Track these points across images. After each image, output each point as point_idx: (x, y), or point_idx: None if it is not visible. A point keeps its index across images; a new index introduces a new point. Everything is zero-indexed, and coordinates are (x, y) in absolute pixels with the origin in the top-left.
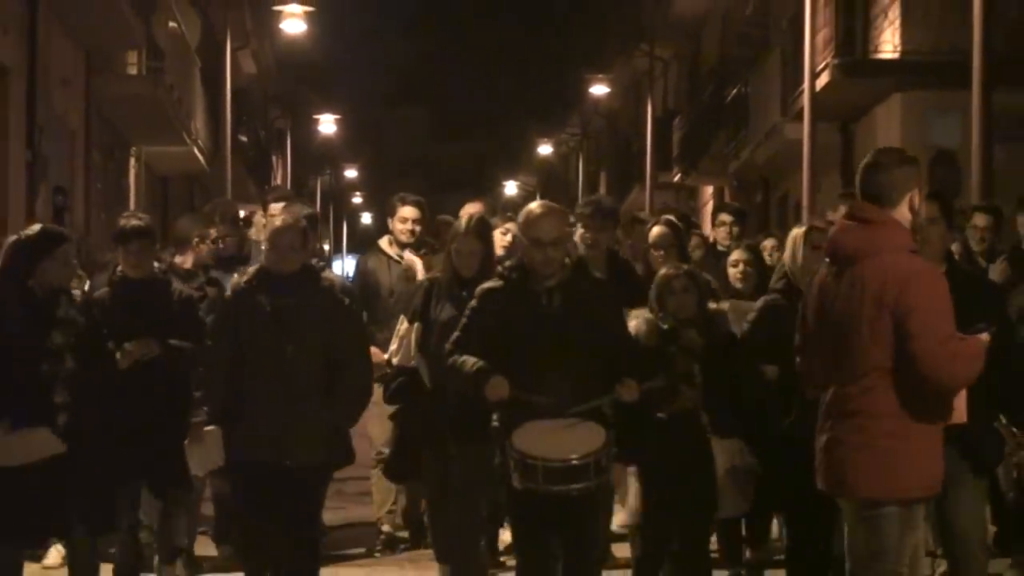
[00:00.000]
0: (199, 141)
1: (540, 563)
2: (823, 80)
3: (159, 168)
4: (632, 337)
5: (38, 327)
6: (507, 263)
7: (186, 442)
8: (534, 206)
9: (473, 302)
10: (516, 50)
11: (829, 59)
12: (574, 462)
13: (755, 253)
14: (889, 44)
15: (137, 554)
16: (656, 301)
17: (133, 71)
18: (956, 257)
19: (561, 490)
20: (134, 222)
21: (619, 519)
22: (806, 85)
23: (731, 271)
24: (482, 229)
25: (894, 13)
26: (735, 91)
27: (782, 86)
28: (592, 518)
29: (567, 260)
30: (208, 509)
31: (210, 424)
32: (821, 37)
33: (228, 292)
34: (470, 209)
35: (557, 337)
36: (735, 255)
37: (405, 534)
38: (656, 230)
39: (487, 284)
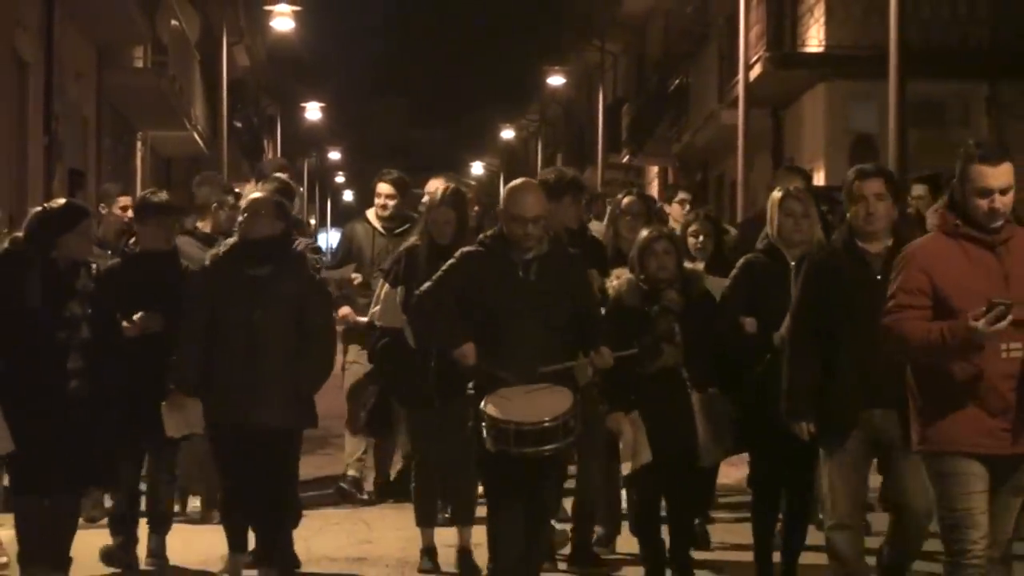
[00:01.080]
0: (198, 127)
1: (511, 522)
2: (756, 71)
3: (163, 151)
4: (600, 307)
5: (57, 296)
6: (488, 232)
7: (164, 404)
8: (517, 183)
9: (451, 260)
10: (482, 46)
11: (761, 53)
12: (545, 425)
13: (714, 223)
14: (815, 39)
15: (135, 507)
16: (638, 262)
17: (139, 64)
18: None
19: (532, 451)
20: (157, 198)
21: (626, 468)
22: (740, 76)
23: (690, 240)
24: (456, 199)
25: (819, 11)
26: (677, 81)
27: (719, 77)
28: (556, 478)
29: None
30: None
31: (183, 390)
32: (754, 33)
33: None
34: (435, 183)
35: (533, 307)
36: (694, 226)
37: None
38: (627, 199)
39: (468, 248)
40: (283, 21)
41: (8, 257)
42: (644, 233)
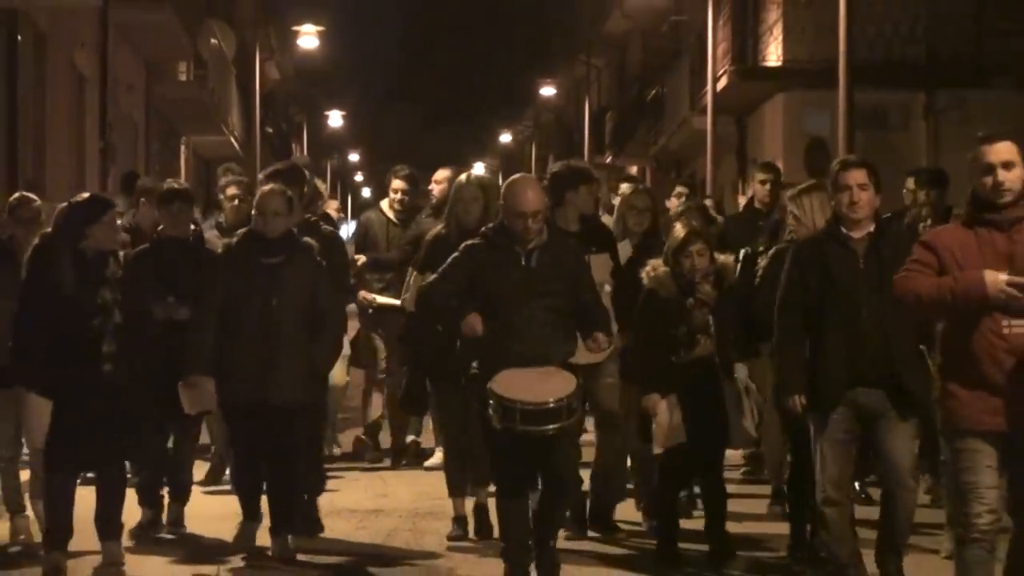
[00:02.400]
0: (235, 132)
1: (516, 495)
2: (722, 83)
3: (203, 153)
4: (597, 295)
5: (88, 285)
6: (490, 225)
7: (180, 384)
8: (516, 179)
9: (455, 254)
10: (484, 60)
11: (727, 67)
12: (550, 405)
13: (703, 214)
14: (774, 55)
15: (160, 479)
16: (672, 257)
17: (183, 78)
18: None
19: (536, 430)
20: (175, 186)
21: (658, 447)
22: (709, 87)
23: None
24: (481, 182)
25: (777, 31)
26: (653, 92)
27: (690, 88)
28: (567, 455)
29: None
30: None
31: (198, 370)
32: (721, 49)
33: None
34: (442, 173)
35: (536, 293)
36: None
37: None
38: (634, 194)
39: (471, 241)
40: (308, 39)
41: (42, 250)
42: (680, 232)
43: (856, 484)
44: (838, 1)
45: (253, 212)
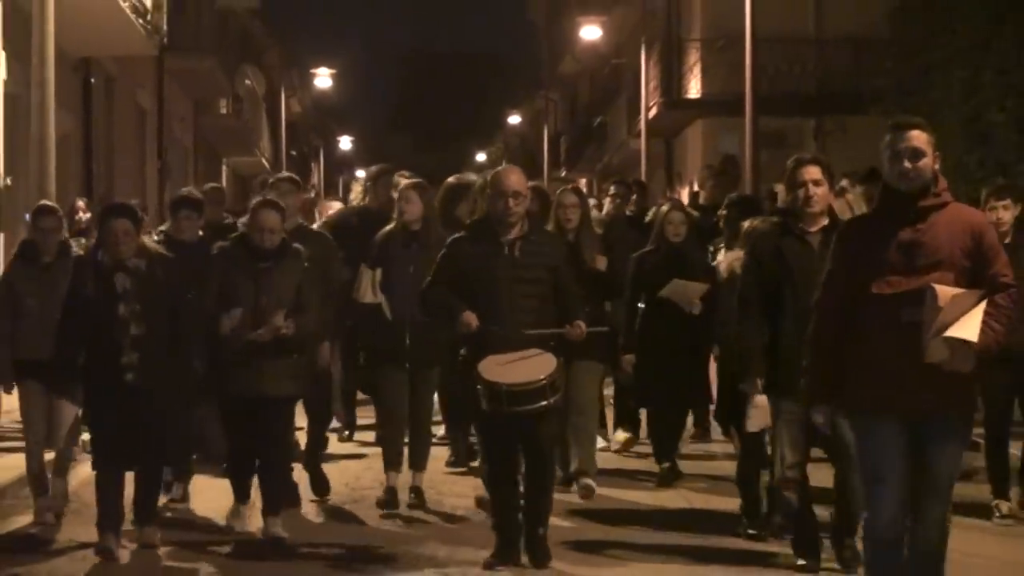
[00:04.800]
0: (265, 154)
1: (505, 471)
2: (653, 112)
3: (240, 171)
4: (575, 285)
5: (105, 296)
6: (473, 218)
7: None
8: (502, 167)
9: (444, 250)
10: (464, 95)
11: (657, 99)
12: (534, 385)
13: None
14: (694, 89)
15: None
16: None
17: (223, 111)
18: None
19: (522, 410)
20: (185, 192)
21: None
22: (642, 116)
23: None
24: (418, 187)
25: (697, 70)
26: (599, 120)
27: (627, 116)
28: (550, 432)
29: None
30: None
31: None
32: (651, 85)
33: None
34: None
35: (518, 280)
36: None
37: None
38: (565, 194)
39: (456, 235)
40: (323, 80)
41: (77, 261)
42: (763, 230)
43: None
44: (744, 46)
45: (249, 220)
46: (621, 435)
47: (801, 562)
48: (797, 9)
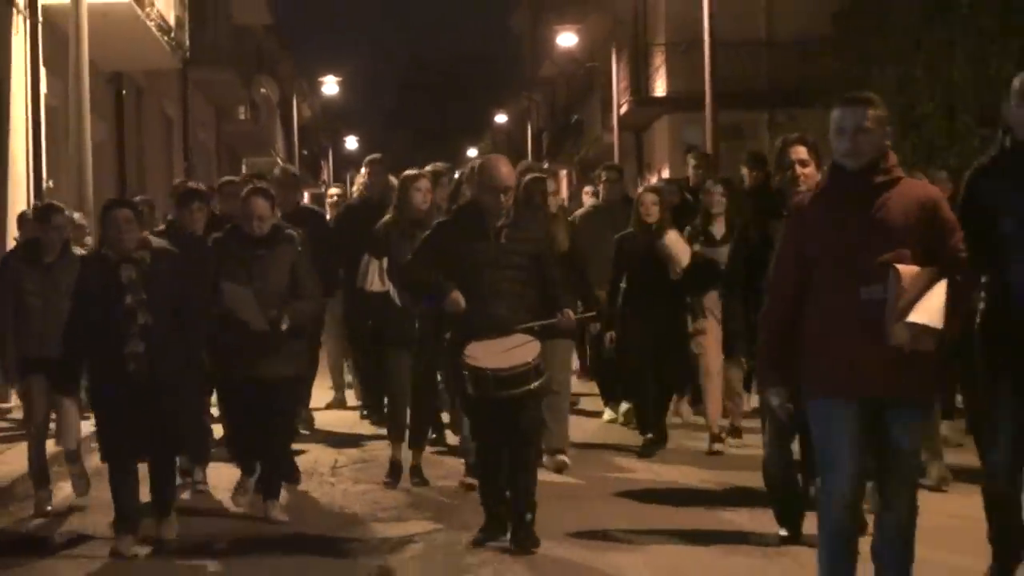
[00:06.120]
0: (279, 155)
1: (493, 450)
2: (624, 109)
3: (258, 170)
4: (556, 272)
5: (110, 289)
6: (460, 203)
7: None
8: (491, 157)
9: (429, 232)
10: (457, 96)
11: (627, 97)
12: (519, 369)
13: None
14: (660, 88)
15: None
16: None
17: (242, 117)
18: None
19: (507, 394)
20: (194, 185)
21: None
22: (614, 112)
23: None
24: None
25: (663, 71)
26: (575, 117)
27: (601, 113)
28: (533, 415)
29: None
30: None
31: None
32: (622, 85)
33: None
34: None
35: (504, 266)
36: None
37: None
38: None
39: (442, 219)
40: (331, 87)
41: (83, 259)
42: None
43: None
44: (704, 49)
45: (241, 209)
46: (622, 407)
47: (783, 533)
48: (750, 15)
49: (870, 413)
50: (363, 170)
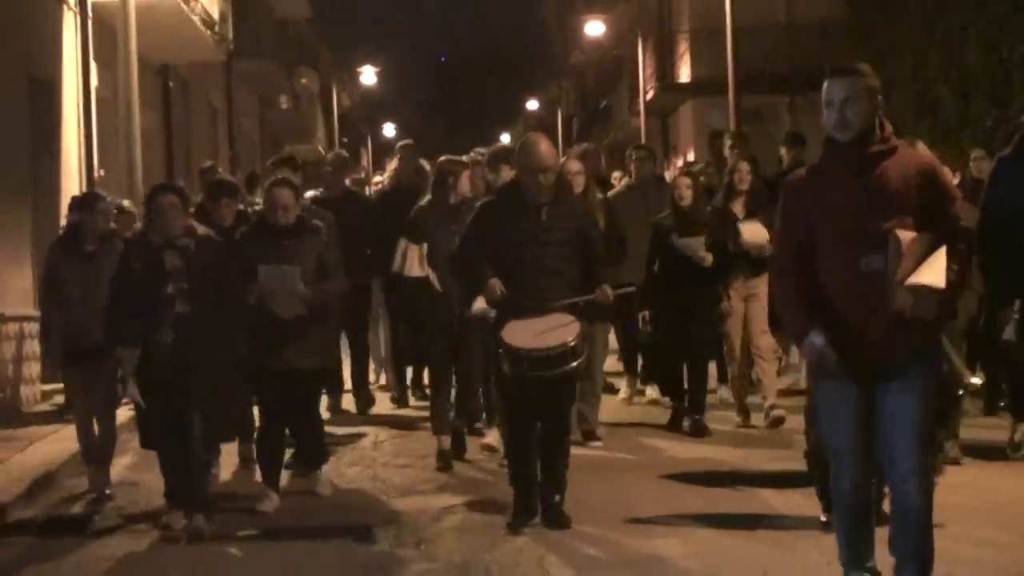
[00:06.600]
0: (321, 143)
1: (525, 431)
2: (650, 94)
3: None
4: (601, 250)
5: (153, 274)
6: (504, 183)
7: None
8: (530, 137)
9: (473, 214)
10: (490, 85)
11: (653, 83)
12: (556, 351)
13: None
14: (685, 74)
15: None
16: None
17: (284, 106)
18: None
19: (543, 375)
20: (221, 177)
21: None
22: (641, 98)
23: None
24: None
25: (687, 57)
26: (604, 103)
27: (628, 99)
28: (567, 396)
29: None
30: None
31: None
32: (648, 72)
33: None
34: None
35: (546, 243)
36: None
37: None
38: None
39: (486, 199)
40: (369, 76)
41: (127, 242)
42: None
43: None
44: (726, 35)
45: (263, 203)
46: (651, 392)
47: (824, 519)
48: (769, 1)
49: (874, 385)
50: (395, 156)
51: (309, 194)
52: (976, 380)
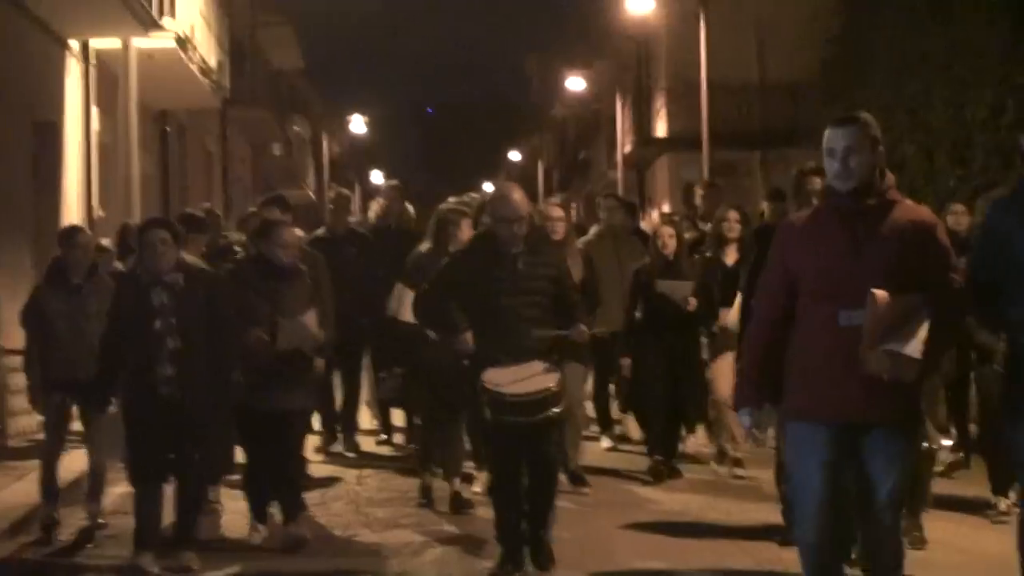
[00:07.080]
0: (311, 188)
1: (510, 476)
2: (627, 148)
3: (291, 203)
4: (576, 292)
5: (141, 311)
6: (477, 231)
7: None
8: (502, 187)
9: (447, 261)
10: (473, 136)
11: (630, 137)
12: (537, 396)
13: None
14: (661, 129)
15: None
16: None
17: (277, 153)
18: None
19: (524, 420)
20: (190, 211)
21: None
22: (619, 151)
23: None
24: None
25: (663, 113)
26: (583, 155)
27: (606, 152)
28: (552, 442)
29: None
30: None
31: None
32: (625, 126)
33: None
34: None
35: (521, 291)
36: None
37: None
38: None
39: (460, 248)
40: (358, 125)
41: (120, 277)
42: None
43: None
44: (701, 92)
45: (263, 240)
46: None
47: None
48: (743, 60)
49: (848, 441)
50: (380, 198)
51: (315, 232)
52: (946, 443)
